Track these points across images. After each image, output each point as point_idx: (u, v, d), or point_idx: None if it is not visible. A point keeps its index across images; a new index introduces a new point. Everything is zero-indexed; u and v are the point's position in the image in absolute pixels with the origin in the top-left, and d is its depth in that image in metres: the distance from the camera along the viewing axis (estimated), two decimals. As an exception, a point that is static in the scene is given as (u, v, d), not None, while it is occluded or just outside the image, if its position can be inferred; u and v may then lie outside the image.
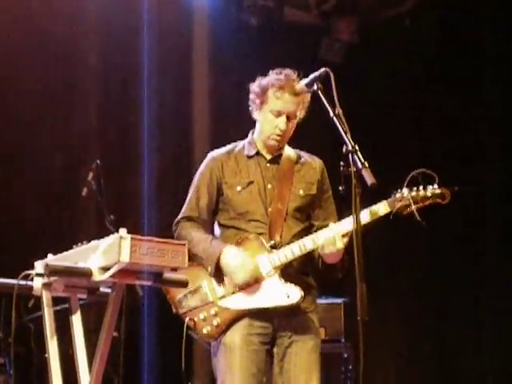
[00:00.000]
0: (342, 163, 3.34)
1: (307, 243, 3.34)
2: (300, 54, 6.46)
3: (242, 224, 3.44)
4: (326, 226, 3.41)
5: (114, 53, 6.11)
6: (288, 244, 3.38)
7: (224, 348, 3.40)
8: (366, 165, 2.90)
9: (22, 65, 5.70)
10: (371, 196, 3.24)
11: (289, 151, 3.58)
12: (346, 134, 2.99)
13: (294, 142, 3.65)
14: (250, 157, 3.55)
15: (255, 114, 3.56)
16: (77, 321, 3.02)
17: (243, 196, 3.45)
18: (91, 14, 5.97)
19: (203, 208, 3.52)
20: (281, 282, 3.33)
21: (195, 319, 3.41)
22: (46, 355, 2.96)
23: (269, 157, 3.54)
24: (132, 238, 2.66)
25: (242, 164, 3.53)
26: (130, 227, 2.82)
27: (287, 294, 3.30)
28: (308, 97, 3.44)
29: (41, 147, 5.67)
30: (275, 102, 3.46)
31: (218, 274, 3.41)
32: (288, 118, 3.46)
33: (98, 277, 2.74)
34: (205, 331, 3.41)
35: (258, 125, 3.57)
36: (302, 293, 3.30)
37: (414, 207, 3.27)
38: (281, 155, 3.55)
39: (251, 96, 3.57)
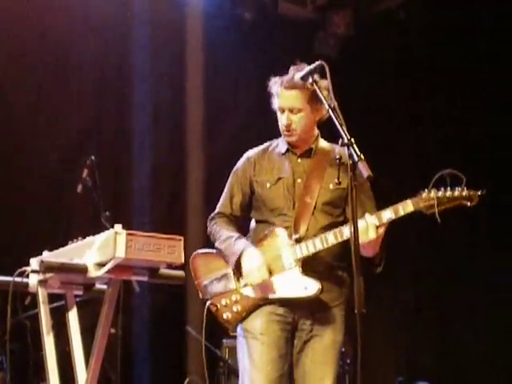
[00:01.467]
0: (337, 156, 3.35)
1: (329, 237, 3.34)
2: (295, 49, 6.45)
3: (272, 218, 3.50)
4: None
5: (107, 50, 6.08)
6: (314, 237, 3.39)
7: (245, 334, 3.45)
8: (363, 157, 2.88)
9: (17, 63, 5.67)
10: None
11: (323, 144, 3.57)
12: (341, 126, 2.98)
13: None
14: (282, 154, 3.58)
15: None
16: (73, 317, 3.00)
17: (272, 192, 3.51)
18: (84, 11, 5.94)
19: (236, 205, 3.63)
20: (300, 275, 3.37)
21: (218, 305, 3.49)
22: (43, 352, 2.94)
23: (299, 152, 3.55)
24: (127, 234, 2.65)
25: (274, 161, 3.58)
26: (125, 223, 2.80)
27: (305, 286, 3.34)
28: (311, 85, 3.40)
29: (37, 144, 5.65)
30: (275, 100, 3.51)
31: (239, 271, 3.49)
32: (292, 112, 3.46)
33: (93, 273, 2.72)
34: (224, 316, 3.48)
35: None
36: (320, 286, 3.30)
37: (437, 209, 3.20)
38: (311, 149, 3.54)
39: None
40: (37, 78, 5.77)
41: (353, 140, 2.93)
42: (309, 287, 3.32)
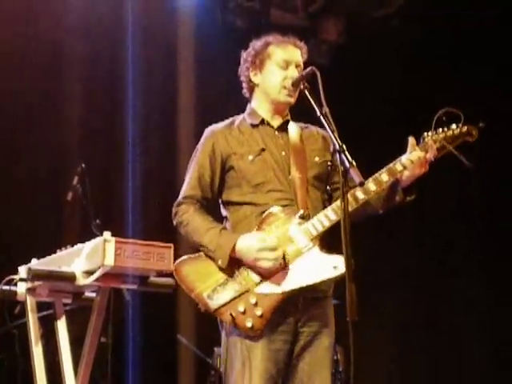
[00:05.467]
0: (329, 162, 3.30)
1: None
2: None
3: (259, 197, 3.11)
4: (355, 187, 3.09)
5: (99, 55, 6.06)
6: (315, 215, 3.06)
7: (245, 343, 3.03)
8: (354, 164, 2.81)
9: (6, 68, 5.64)
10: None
11: (291, 121, 3.33)
12: (333, 133, 2.91)
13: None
14: (254, 126, 3.24)
15: (255, 79, 3.28)
16: (62, 325, 2.97)
17: (257, 165, 3.13)
18: (76, 16, 5.91)
19: (206, 185, 3.18)
20: (322, 254, 3.02)
21: (233, 313, 2.98)
22: (31, 361, 2.91)
23: (276, 124, 3.26)
24: (116, 241, 2.62)
25: (247, 134, 3.21)
26: (116, 231, 2.77)
27: (333, 265, 2.95)
28: (305, 55, 3.31)
29: (26, 150, 5.62)
30: (281, 53, 3.24)
31: (231, 268, 3.04)
32: (297, 69, 3.23)
33: (81, 281, 2.69)
34: (249, 325, 2.98)
35: (260, 88, 3.30)
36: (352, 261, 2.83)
37: (451, 147, 3.13)
38: (288, 121, 3.28)
39: (247, 61, 3.31)
40: (27, 84, 5.73)
41: (344, 146, 2.89)
42: (339, 265, 2.93)
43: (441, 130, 3.19)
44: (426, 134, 3.22)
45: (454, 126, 3.19)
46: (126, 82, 6.13)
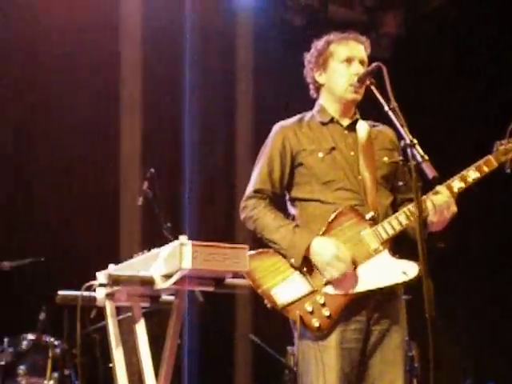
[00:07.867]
0: (400, 157, 3.27)
1: (414, 210, 2.93)
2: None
3: (327, 195, 3.09)
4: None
5: (158, 58, 6.09)
6: (384, 217, 3.06)
7: (318, 344, 3.01)
8: (426, 158, 2.78)
9: (65, 80, 5.72)
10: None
11: (360, 120, 3.31)
12: (402, 127, 2.89)
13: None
14: (324, 124, 3.22)
15: (320, 79, 3.26)
16: (141, 329, 3.00)
17: (327, 163, 3.11)
18: (135, 18, 5.96)
19: (277, 181, 3.15)
20: (392, 258, 3.01)
21: (301, 313, 2.96)
22: (111, 365, 2.95)
23: (346, 123, 3.23)
24: (193, 245, 2.63)
25: (317, 131, 3.19)
26: (180, 234, 2.77)
27: (403, 270, 2.95)
28: (369, 50, 3.28)
29: (93, 158, 5.71)
30: (343, 50, 3.22)
31: (301, 266, 3.03)
32: (362, 65, 3.19)
33: (160, 284, 2.72)
34: (316, 324, 2.97)
35: (326, 88, 3.27)
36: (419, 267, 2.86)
37: None
38: (357, 121, 3.24)
39: (311, 62, 3.28)
40: (87, 97, 5.80)
41: (415, 141, 2.86)
42: (408, 271, 2.95)
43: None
44: (498, 142, 3.19)
45: None
46: (184, 85, 6.17)
